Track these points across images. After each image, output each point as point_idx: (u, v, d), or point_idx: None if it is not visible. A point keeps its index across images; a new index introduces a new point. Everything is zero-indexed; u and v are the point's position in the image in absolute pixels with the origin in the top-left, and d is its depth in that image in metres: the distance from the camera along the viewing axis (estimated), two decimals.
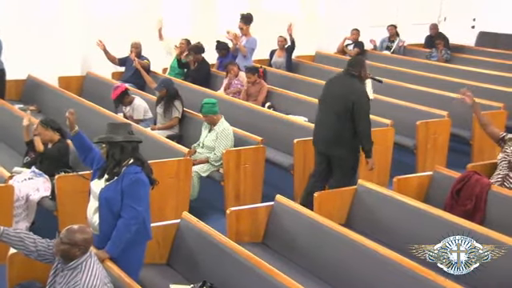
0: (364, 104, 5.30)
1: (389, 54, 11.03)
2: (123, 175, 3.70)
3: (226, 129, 6.04)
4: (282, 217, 4.63)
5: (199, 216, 4.60)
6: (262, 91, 8.04)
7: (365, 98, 5.34)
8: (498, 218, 4.70)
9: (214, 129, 6.06)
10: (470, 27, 12.86)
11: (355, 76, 5.40)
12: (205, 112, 6.09)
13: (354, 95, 5.28)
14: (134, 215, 3.66)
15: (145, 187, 3.74)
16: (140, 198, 3.70)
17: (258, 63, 9.33)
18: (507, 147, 5.25)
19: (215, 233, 4.15)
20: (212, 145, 6.00)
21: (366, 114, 5.31)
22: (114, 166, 3.72)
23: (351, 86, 5.36)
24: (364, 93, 5.39)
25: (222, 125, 6.06)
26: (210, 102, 6.13)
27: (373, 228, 4.74)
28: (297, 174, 6.19)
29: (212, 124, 6.08)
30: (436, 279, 3.50)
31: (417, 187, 5.20)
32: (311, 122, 7.03)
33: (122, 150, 3.72)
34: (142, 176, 3.73)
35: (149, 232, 3.85)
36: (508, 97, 7.51)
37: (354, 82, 5.39)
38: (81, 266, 3.34)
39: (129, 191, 3.66)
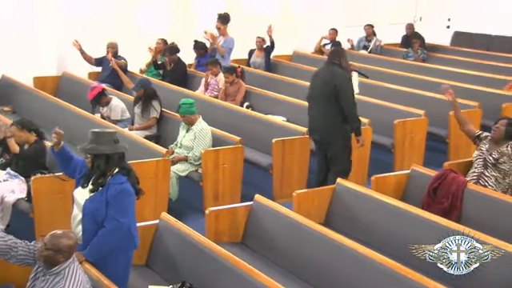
0: (346, 86, 5.60)
1: (366, 54, 11.10)
2: (108, 185, 3.62)
3: (203, 129, 6.02)
4: (261, 216, 4.63)
5: (178, 216, 4.59)
6: (240, 91, 8.03)
7: (346, 81, 5.63)
8: (474, 215, 4.75)
9: (191, 129, 6.04)
10: (445, 27, 13.01)
11: (336, 64, 5.69)
12: (182, 112, 6.07)
13: (335, 79, 5.59)
14: (116, 227, 3.60)
15: (130, 197, 3.67)
16: (124, 209, 3.63)
17: (236, 63, 9.32)
18: (482, 145, 5.32)
19: (194, 233, 4.13)
20: (190, 144, 5.98)
21: (349, 95, 5.61)
22: (99, 177, 3.63)
23: (332, 72, 5.67)
24: (345, 77, 5.66)
25: (199, 124, 6.04)
26: (187, 102, 6.11)
27: (351, 227, 4.77)
28: (275, 173, 6.20)
29: (190, 124, 6.06)
30: (415, 277, 3.52)
31: (394, 186, 5.24)
32: (290, 121, 7.06)
33: (108, 161, 3.63)
34: (128, 186, 3.65)
35: (135, 241, 3.78)
36: (483, 96, 7.61)
37: (335, 68, 5.69)
38: (64, 272, 3.30)
39: (113, 202, 3.59)
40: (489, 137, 5.34)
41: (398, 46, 11.72)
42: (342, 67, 5.72)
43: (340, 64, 5.71)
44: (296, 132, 6.42)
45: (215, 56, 8.94)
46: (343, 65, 5.73)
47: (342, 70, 5.69)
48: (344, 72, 5.71)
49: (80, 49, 8.55)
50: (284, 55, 10.64)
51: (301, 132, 6.38)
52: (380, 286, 3.70)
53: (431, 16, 12.95)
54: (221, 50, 8.89)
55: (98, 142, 3.64)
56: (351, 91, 5.65)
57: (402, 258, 4.13)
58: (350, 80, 5.74)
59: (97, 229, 3.62)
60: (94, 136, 3.68)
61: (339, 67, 5.69)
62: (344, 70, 5.72)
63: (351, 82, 5.75)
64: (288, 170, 6.23)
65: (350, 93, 5.63)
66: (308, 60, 10.39)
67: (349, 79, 5.73)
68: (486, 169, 5.19)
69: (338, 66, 5.69)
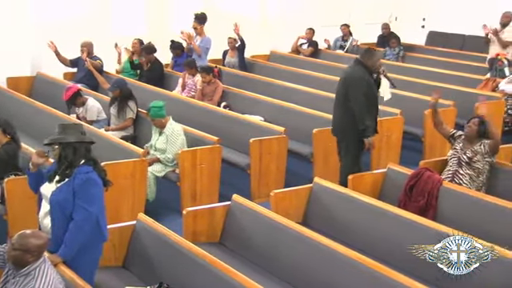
0: (356, 87, 5.54)
1: (342, 53, 11.15)
2: (75, 175, 3.61)
3: (175, 130, 5.98)
4: (239, 216, 4.62)
5: (155, 217, 4.56)
6: (217, 91, 8.02)
7: (359, 82, 5.55)
8: (450, 213, 4.81)
9: (163, 132, 6.00)
10: (420, 27, 13.15)
11: (361, 64, 5.63)
12: (152, 115, 6.02)
13: (350, 79, 5.61)
14: (85, 216, 3.58)
15: (97, 187, 3.66)
16: (92, 198, 3.62)
17: (213, 63, 9.30)
18: (457, 144, 5.39)
19: (171, 233, 4.11)
20: (163, 147, 5.95)
21: (358, 95, 5.52)
22: (66, 168, 3.63)
23: (351, 72, 5.70)
24: (360, 78, 5.57)
25: (170, 126, 5.99)
26: (156, 105, 6.03)
27: (329, 225, 4.78)
28: (253, 173, 6.19)
29: (161, 127, 6.02)
30: (393, 276, 3.55)
31: (371, 184, 5.28)
32: (267, 121, 7.07)
33: (75, 152, 3.64)
34: (94, 175, 3.65)
35: (104, 233, 3.77)
36: (458, 95, 7.70)
37: (355, 68, 5.67)
38: (34, 272, 3.24)
39: (80, 191, 3.58)
40: (462, 136, 5.42)
41: (374, 46, 11.79)
42: (368, 67, 5.63)
43: (366, 64, 5.62)
44: (273, 132, 6.43)
45: (192, 56, 8.91)
46: (369, 64, 5.63)
47: (360, 71, 5.60)
48: (361, 73, 5.59)
49: (55, 50, 8.46)
50: (261, 55, 10.64)
51: (278, 132, 6.39)
52: (358, 285, 3.72)
53: (406, 16, 13.07)
54: (197, 50, 8.87)
55: (64, 133, 3.67)
56: (361, 93, 5.51)
57: (380, 257, 4.17)
58: (364, 77, 5.58)
59: (64, 220, 3.59)
60: (61, 128, 3.72)
61: (362, 67, 5.62)
62: (364, 71, 5.61)
63: (364, 80, 5.58)
64: (266, 169, 6.24)
65: (360, 93, 5.51)
66: (285, 60, 10.41)
67: (361, 77, 5.57)
68: (461, 167, 5.26)
69: (363, 65, 5.62)
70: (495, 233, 4.35)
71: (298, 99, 7.69)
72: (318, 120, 6.76)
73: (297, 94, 8.11)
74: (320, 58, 10.68)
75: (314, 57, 10.81)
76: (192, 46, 8.89)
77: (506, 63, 8.64)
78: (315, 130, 6.43)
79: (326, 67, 9.72)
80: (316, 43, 11.10)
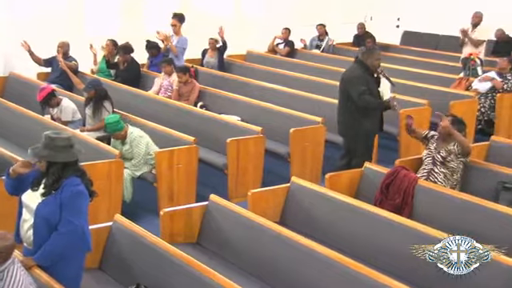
0: (355, 84, 5.70)
1: (318, 53, 11.20)
2: (62, 187, 3.50)
3: (136, 136, 5.93)
4: (217, 216, 4.61)
5: (132, 218, 4.53)
6: (193, 91, 7.99)
7: (357, 80, 5.73)
8: (425, 211, 4.86)
9: (126, 142, 5.94)
10: (394, 27, 13.27)
11: (360, 63, 5.82)
12: (110, 132, 5.96)
13: (348, 78, 5.81)
14: (71, 229, 3.50)
15: (84, 199, 3.58)
16: (79, 211, 3.53)
17: (190, 63, 9.27)
18: (431, 144, 5.45)
19: (148, 234, 4.08)
20: (130, 156, 5.91)
21: (355, 91, 5.68)
22: (54, 182, 3.51)
23: (350, 70, 5.89)
24: (358, 76, 5.76)
25: (131, 135, 5.94)
26: (111, 121, 5.93)
27: (306, 225, 4.80)
28: (231, 173, 6.19)
29: (123, 138, 5.96)
30: (370, 274, 3.57)
31: (348, 183, 5.30)
32: (244, 121, 7.07)
33: (64, 168, 3.51)
34: (82, 188, 3.56)
35: (88, 243, 3.69)
36: (432, 94, 7.78)
37: (354, 66, 5.87)
38: (2, 274, 3.19)
39: (68, 204, 3.48)
40: (436, 135, 5.48)
41: (349, 46, 11.88)
42: (367, 66, 5.81)
43: (365, 63, 5.79)
44: (251, 131, 6.42)
45: (168, 56, 8.87)
46: (368, 63, 5.80)
47: (358, 69, 5.79)
48: (359, 71, 5.77)
49: (29, 50, 8.34)
50: (238, 55, 10.63)
51: (255, 131, 6.39)
52: (335, 283, 3.73)
53: (381, 16, 13.18)
54: (174, 50, 8.83)
55: (54, 149, 3.49)
56: (359, 89, 5.66)
57: (357, 255, 4.19)
58: (363, 75, 5.75)
59: (49, 232, 3.52)
60: (49, 141, 3.52)
61: (361, 65, 5.80)
62: (362, 70, 5.78)
63: (362, 78, 5.74)
64: (243, 169, 6.23)
65: (357, 89, 5.67)
66: (261, 59, 10.42)
67: (359, 75, 5.74)
68: (435, 166, 5.32)
69: (362, 64, 5.81)
70: (470, 230, 4.36)
71: (274, 99, 7.71)
72: (295, 119, 6.78)
73: (273, 93, 8.12)
74: (296, 58, 10.71)
75: (290, 56, 10.84)
76: (169, 46, 8.85)
77: (479, 62, 8.77)
78: (292, 130, 6.45)
79: (303, 67, 9.76)
80: (292, 43, 11.13)
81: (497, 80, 7.92)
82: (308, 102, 7.64)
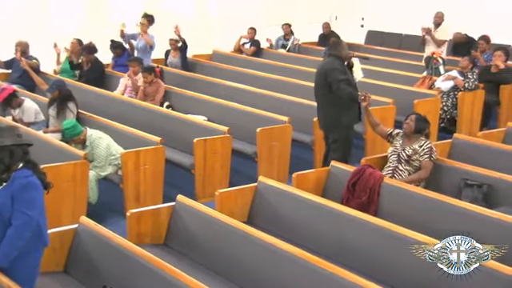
0: (334, 74, 5.80)
1: (284, 52, 11.24)
2: (13, 180, 3.48)
3: (95, 138, 5.88)
4: (184, 217, 4.58)
5: (98, 220, 4.47)
6: (159, 91, 7.93)
7: (336, 71, 5.84)
8: (390, 208, 4.91)
9: (86, 144, 5.88)
10: (359, 26, 13.41)
11: (335, 56, 5.96)
12: (69, 137, 5.88)
13: (326, 69, 5.90)
14: (25, 221, 3.45)
15: (37, 191, 3.54)
16: (32, 203, 3.49)
17: (155, 63, 9.21)
18: (396, 142, 5.52)
19: (115, 236, 4.03)
20: (92, 158, 5.84)
21: (336, 80, 5.79)
22: (3, 172, 3.48)
23: (326, 63, 6.01)
24: (336, 67, 5.87)
25: (90, 137, 5.88)
26: (68, 126, 5.87)
27: (274, 224, 4.80)
28: (198, 173, 6.16)
29: (83, 142, 5.89)
30: (337, 272, 3.59)
31: (315, 182, 5.33)
32: (210, 120, 7.05)
33: (12, 155, 3.50)
34: (33, 179, 3.52)
35: (45, 238, 3.65)
36: (396, 93, 7.88)
37: (331, 60, 5.99)
38: None
39: (19, 196, 3.45)
40: (401, 133, 5.56)
41: (315, 45, 11.96)
42: (342, 57, 5.96)
43: (339, 55, 5.95)
44: (217, 131, 6.41)
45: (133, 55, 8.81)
46: (342, 54, 5.97)
47: (335, 62, 5.92)
48: (336, 63, 5.91)
49: None
50: (203, 54, 10.60)
51: (222, 131, 6.38)
52: (303, 282, 3.74)
53: (346, 15, 13.31)
54: (149, 41, 8.76)
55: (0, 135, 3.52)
56: (340, 77, 5.78)
57: (324, 253, 4.22)
58: (340, 68, 5.89)
59: (3, 226, 3.46)
60: None
61: (337, 58, 5.93)
62: (338, 62, 5.93)
63: (341, 69, 5.88)
64: (210, 169, 6.21)
65: (336, 78, 5.79)
66: (227, 59, 10.40)
67: (338, 67, 5.87)
68: (400, 163, 5.39)
69: (337, 56, 5.94)
70: (434, 227, 4.47)
71: (241, 98, 7.70)
72: (262, 119, 6.79)
73: (240, 93, 8.12)
74: (262, 58, 10.73)
75: (256, 56, 10.85)
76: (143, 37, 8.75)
77: (441, 62, 8.91)
78: (259, 129, 6.45)
79: (269, 66, 9.78)
80: (258, 42, 11.14)
81: (459, 79, 8.08)
82: (274, 101, 7.66)
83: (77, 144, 5.91)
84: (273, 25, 11.65)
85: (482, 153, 5.81)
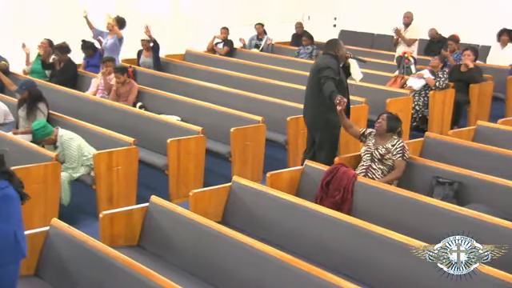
0: (326, 71, 5.71)
1: (258, 52, 11.25)
2: None
3: (66, 139, 5.81)
4: (158, 218, 4.55)
5: (70, 222, 4.40)
6: (132, 91, 7.87)
7: (329, 69, 5.74)
8: (364, 206, 4.94)
9: (57, 145, 5.81)
10: (332, 26, 13.49)
11: (331, 55, 5.88)
12: (40, 138, 5.80)
13: (323, 64, 5.81)
14: (1, 236, 3.34)
15: (14, 203, 3.41)
16: (8, 216, 3.37)
17: (127, 63, 9.14)
18: (369, 141, 5.56)
19: (87, 238, 3.98)
20: (63, 159, 5.78)
21: (326, 75, 5.68)
22: None
23: (323, 60, 5.90)
24: (332, 65, 5.78)
25: (61, 138, 5.82)
26: (39, 127, 5.79)
27: (248, 223, 4.80)
28: (171, 173, 6.13)
29: (54, 142, 5.82)
30: (311, 271, 3.59)
31: (289, 181, 5.33)
32: (184, 121, 7.02)
33: None
34: (10, 191, 3.39)
35: (23, 250, 3.52)
36: (369, 92, 7.94)
37: (327, 57, 5.90)
38: None
39: None
40: (373, 132, 5.60)
41: (288, 45, 11.99)
42: (338, 57, 5.90)
43: (336, 54, 5.88)
44: (191, 131, 6.38)
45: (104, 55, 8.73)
46: (339, 54, 5.91)
47: (331, 60, 5.84)
48: (332, 62, 5.83)
49: None
50: (176, 54, 10.55)
51: (196, 131, 6.36)
52: (278, 281, 3.75)
53: (319, 15, 13.38)
54: (119, 33, 8.74)
55: None
56: (330, 76, 5.70)
57: (299, 252, 4.23)
58: (335, 67, 5.82)
59: None
60: None
61: (333, 57, 5.86)
62: (336, 60, 5.88)
63: (335, 69, 5.80)
64: (184, 169, 6.19)
65: (327, 74, 5.70)
66: (201, 59, 10.37)
67: (333, 66, 5.80)
68: (373, 162, 5.43)
69: (333, 56, 5.88)
70: (407, 224, 4.52)
71: (214, 98, 7.69)
72: (236, 119, 6.78)
73: (213, 93, 8.10)
74: (236, 57, 10.72)
75: (229, 56, 10.84)
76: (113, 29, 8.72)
77: (412, 61, 9.01)
78: (233, 129, 6.44)
79: (242, 66, 9.77)
80: (231, 42, 11.13)
81: (430, 78, 8.18)
82: (248, 101, 7.66)
83: (48, 145, 5.82)
84: (246, 24, 11.65)
85: (453, 151, 5.87)
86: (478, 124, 6.71)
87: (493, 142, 6.03)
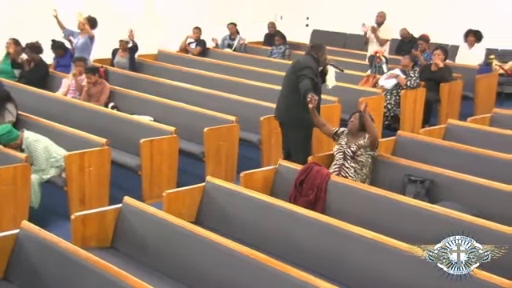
0: (306, 70, 5.76)
1: (230, 52, 11.23)
2: None
3: (31, 141, 5.72)
4: (131, 219, 4.50)
5: (41, 224, 4.32)
6: (103, 91, 7.78)
7: (308, 68, 5.80)
8: (337, 205, 4.96)
9: (23, 148, 5.72)
10: (304, 25, 13.54)
11: (312, 57, 5.96)
12: (5, 143, 5.71)
13: (303, 64, 5.88)
14: None
15: None
16: None
17: (99, 63, 9.04)
18: (341, 140, 5.59)
19: (59, 240, 3.91)
20: (30, 161, 5.68)
21: (305, 77, 5.74)
22: None
23: (302, 60, 5.99)
24: (312, 66, 5.85)
25: (27, 140, 5.73)
26: (3, 132, 5.71)
27: (222, 223, 4.78)
28: (144, 174, 6.08)
29: (20, 146, 5.74)
30: (286, 270, 3.59)
31: (263, 181, 5.33)
32: (157, 121, 6.97)
33: None
34: None
35: None
36: (342, 91, 7.94)
37: (308, 58, 5.97)
38: None
39: None
40: (346, 131, 5.63)
41: (261, 44, 12.00)
42: (320, 61, 5.97)
43: (318, 58, 5.96)
44: (164, 131, 6.34)
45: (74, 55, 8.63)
46: (321, 58, 5.99)
47: (311, 61, 5.89)
48: (312, 63, 5.88)
49: None
50: (149, 54, 10.48)
51: (169, 131, 6.32)
52: (253, 280, 3.74)
53: (291, 15, 13.41)
54: (90, 33, 8.65)
55: None
56: (307, 72, 5.74)
57: (273, 252, 4.22)
58: (314, 68, 5.87)
59: None
60: None
61: (315, 60, 5.94)
62: (314, 63, 5.92)
63: (314, 70, 5.86)
64: (157, 170, 6.14)
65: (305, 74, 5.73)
66: (173, 59, 10.32)
67: (313, 67, 5.85)
68: (346, 161, 5.46)
69: (315, 59, 5.94)
70: (380, 222, 4.56)
71: (187, 98, 7.65)
72: (209, 119, 6.76)
73: (186, 93, 8.06)
74: (209, 57, 10.69)
75: (202, 56, 10.80)
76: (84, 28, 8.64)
77: (384, 60, 9.10)
78: (206, 129, 6.42)
79: (215, 66, 9.75)
80: (204, 42, 11.10)
81: (401, 77, 8.26)
82: (221, 100, 7.64)
83: (15, 149, 5.73)
84: (218, 24, 11.62)
85: (424, 149, 5.94)
86: (449, 122, 6.81)
87: (463, 140, 6.12)
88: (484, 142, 6.06)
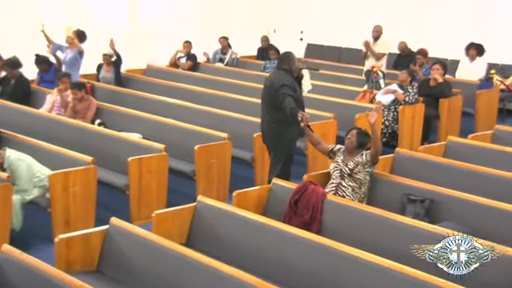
0: (283, 89, 5.73)
1: (222, 66, 11.13)
2: None
3: (13, 160, 5.55)
4: (118, 241, 4.35)
5: (23, 247, 4.15)
6: (90, 108, 7.61)
7: (284, 86, 5.76)
8: (334, 225, 4.84)
9: (4, 167, 5.55)
10: (298, 39, 13.46)
11: (285, 70, 5.92)
12: None
13: (276, 84, 5.82)
14: None
15: None
16: None
17: (85, 78, 8.88)
18: (337, 158, 5.46)
19: (41, 264, 3.74)
20: (12, 181, 5.48)
21: (285, 95, 5.70)
22: None
23: (276, 79, 5.92)
24: (287, 82, 5.81)
25: (9, 159, 5.56)
26: None
27: (214, 244, 4.65)
28: (133, 194, 5.93)
29: (0, 166, 5.56)
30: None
31: (256, 200, 5.20)
32: (146, 138, 6.81)
33: None
34: None
35: None
36: (337, 107, 7.88)
37: (281, 74, 5.93)
38: None
39: None
40: (342, 148, 5.49)
41: (253, 59, 11.90)
42: (292, 71, 5.92)
43: (289, 69, 5.92)
44: (153, 149, 6.19)
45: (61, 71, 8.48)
46: (292, 68, 5.94)
47: (286, 76, 5.85)
48: (287, 78, 5.85)
49: None
50: (137, 69, 10.36)
51: (158, 149, 6.17)
52: None
53: (285, 28, 13.34)
54: (79, 47, 8.57)
55: None
56: (287, 93, 5.70)
57: (266, 274, 4.11)
58: (290, 83, 5.81)
59: None
60: None
61: (286, 72, 5.90)
62: (290, 74, 5.89)
63: (290, 85, 5.81)
64: (146, 189, 5.99)
65: (284, 91, 5.71)
66: (162, 73, 10.23)
67: (287, 83, 5.80)
68: (343, 179, 5.31)
69: (287, 70, 5.91)
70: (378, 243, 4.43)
71: (177, 115, 7.52)
72: (200, 136, 6.63)
73: (176, 109, 7.94)
74: (199, 72, 10.60)
75: (193, 70, 10.70)
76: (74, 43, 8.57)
77: (381, 75, 9.01)
78: (197, 147, 6.29)
79: (206, 81, 9.65)
80: (195, 56, 10.99)
81: (399, 92, 8.15)
82: (213, 117, 7.51)
83: None
84: (209, 38, 11.51)
85: (424, 167, 5.84)
86: (449, 140, 6.71)
87: (464, 157, 6.05)
88: (485, 159, 5.96)
